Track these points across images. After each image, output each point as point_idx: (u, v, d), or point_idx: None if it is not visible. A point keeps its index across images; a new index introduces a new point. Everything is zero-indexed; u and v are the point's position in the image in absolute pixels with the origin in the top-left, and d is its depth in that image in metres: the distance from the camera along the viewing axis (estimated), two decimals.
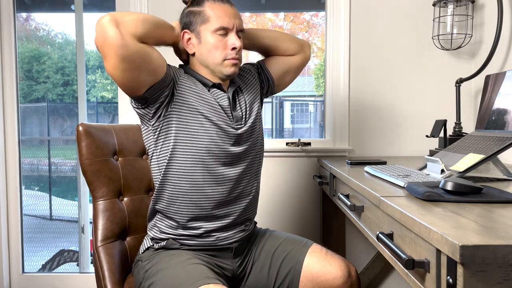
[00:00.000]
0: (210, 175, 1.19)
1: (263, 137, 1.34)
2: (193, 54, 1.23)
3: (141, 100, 1.15)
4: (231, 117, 1.22)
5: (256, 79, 1.37)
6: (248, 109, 1.28)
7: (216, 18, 1.17)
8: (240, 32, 1.22)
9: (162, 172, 1.19)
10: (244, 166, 1.24)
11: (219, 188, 1.20)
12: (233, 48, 1.18)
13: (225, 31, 1.17)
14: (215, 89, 1.23)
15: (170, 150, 1.17)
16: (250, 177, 1.27)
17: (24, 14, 2.79)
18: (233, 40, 1.18)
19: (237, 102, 1.27)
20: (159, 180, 1.20)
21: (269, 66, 1.39)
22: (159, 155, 1.19)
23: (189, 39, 1.21)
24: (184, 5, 1.24)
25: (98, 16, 1.10)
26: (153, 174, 1.24)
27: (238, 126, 1.23)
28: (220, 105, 1.21)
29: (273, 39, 1.37)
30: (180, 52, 1.27)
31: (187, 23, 1.21)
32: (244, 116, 1.26)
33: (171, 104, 1.17)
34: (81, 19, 2.24)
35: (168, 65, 1.19)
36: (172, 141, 1.17)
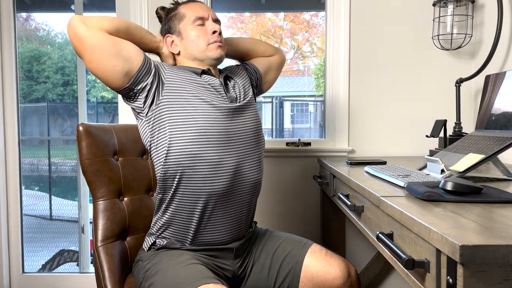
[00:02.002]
0: (211, 158, 1.16)
1: (261, 126, 1.33)
2: (179, 53, 1.29)
3: (129, 93, 1.19)
4: (226, 97, 1.23)
5: (245, 72, 1.41)
6: (242, 91, 1.31)
7: (191, 11, 1.27)
8: (216, 22, 1.30)
9: (163, 162, 1.17)
10: (247, 148, 1.22)
11: (221, 172, 1.17)
12: (214, 32, 1.26)
13: (202, 21, 1.27)
14: (205, 75, 1.27)
15: (168, 138, 1.16)
16: (251, 164, 1.24)
17: (24, 14, 2.79)
18: (211, 25, 1.27)
19: (230, 86, 1.31)
20: (161, 171, 1.18)
21: (255, 63, 1.47)
22: (157, 145, 1.19)
23: (172, 41, 1.29)
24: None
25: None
26: (155, 167, 1.22)
27: (233, 104, 1.24)
28: (212, 86, 1.23)
29: (251, 43, 1.48)
30: (166, 58, 1.33)
31: (167, 29, 1.31)
32: (238, 97, 1.28)
33: (162, 92, 1.19)
34: None
35: (147, 56, 1.23)
36: (167, 128, 1.17)
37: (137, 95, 1.19)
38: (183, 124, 1.16)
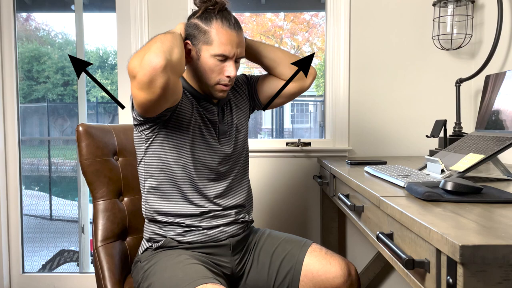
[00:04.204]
0: (196, 188, 1.22)
1: (247, 148, 1.38)
2: (190, 64, 1.23)
3: (146, 116, 1.15)
4: (217, 130, 1.26)
5: (246, 95, 1.40)
6: (234, 127, 1.31)
7: (219, 44, 1.15)
8: (240, 59, 1.22)
9: (151, 181, 1.22)
10: (229, 181, 1.28)
11: (206, 200, 1.23)
12: (228, 76, 1.19)
13: (224, 58, 1.17)
14: (205, 102, 1.26)
15: (161, 163, 1.20)
16: (235, 190, 1.30)
17: (24, 14, 2.79)
18: (230, 69, 1.18)
19: (225, 117, 1.30)
20: (147, 188, 1.23)
21: (260, 88, 1.39)
22: (146, 163, 1.22)
23: (190, 50, 1.20)
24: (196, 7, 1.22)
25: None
26: (140, 181, 1.26)
27: (223, 139, 1.27)
28: (208, 118, 1.24)
29: (272, 60, 1.35)
30: None
31: (191, 35, 1.19)
32: (229, 131, 1.29)
33: (167, 120, 1.19)
34: (81, 19, 2.24)
35: None
36: (162, 154, 1.20)
37: (151, 119, 1.16)
38: (175, 155, 1.20)
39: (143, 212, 1.27)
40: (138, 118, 1.17)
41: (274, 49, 1.37)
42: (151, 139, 1.20)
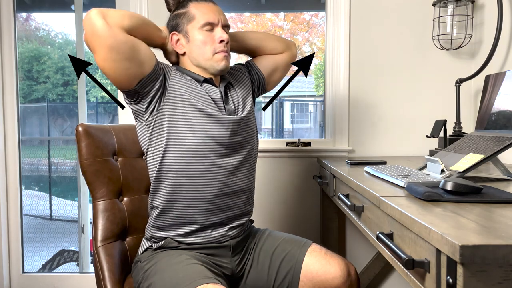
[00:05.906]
0: (205, 167, 1.19)
1: (257, 134, 1.36)
2: (184, 54, 1.26)
3: (134, 95, 1.17)
4: (224, 110, 1.24)
5: (247, 77, 1.39)
6: (241, 103, 1.30)
7: (201, 15, 1.22)
8: (226, 27, 1.26)
9: (157, 167, 1.20)
10: (240, 159, 1.25)
11: (215, 181, 1.20)
12: (221, 41, 1.22)
13: (211, 27, 1.22)
14: (206, 84, 1.26)
15: (165, 144, 1.18)
16: (246, 172, 1.27)
17: (24, 14, 2.79)
18: (220, 33, 1.23)
19: (229, 97, 1.30)
20: (155, 176, 1.21)
21: (259, 64, 1.43)
22: (154, 150, 1.21)
23: (178, 40, 1.25)
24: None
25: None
26: (149, 171, 1.24)
27: (230, 115, 1.25)
28: (212, 98, 1.23)
29: (260, 39, 1.42)
30: (169, 55, 1.30)
31: (174, 26, 1.25)
32: (236, 110, 1.28)
33: (163, 98, 1.18)
34: (81, 19, 2.24)
35: (158, 60, 1.21)
36: (165, 134, 1.18)
37: (141, 98, 1.17)
38: (181, 134, 1.18)
39: (149, 208, 1.26)
40: (129, 102, 1.19)
41: (256, 31, 1.45)
42: (152, 125, 1.19)
